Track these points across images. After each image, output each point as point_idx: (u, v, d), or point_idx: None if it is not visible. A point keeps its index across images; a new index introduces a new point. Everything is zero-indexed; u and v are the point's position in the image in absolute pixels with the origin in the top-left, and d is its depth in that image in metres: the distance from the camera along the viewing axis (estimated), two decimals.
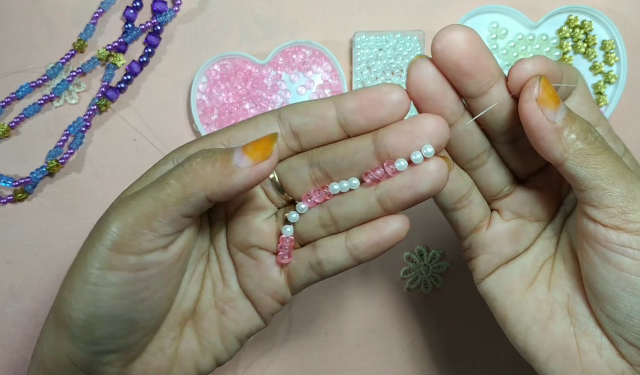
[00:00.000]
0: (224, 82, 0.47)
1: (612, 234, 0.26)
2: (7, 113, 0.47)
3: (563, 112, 0.26)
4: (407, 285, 0.47)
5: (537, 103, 0.25)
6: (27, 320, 0.46)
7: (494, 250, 0.31)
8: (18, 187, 0.46)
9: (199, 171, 0.25)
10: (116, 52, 0.47)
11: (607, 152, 0.26)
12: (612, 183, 0.25)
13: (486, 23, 0.47)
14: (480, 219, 0.31)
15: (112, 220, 0.26)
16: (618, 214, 0.25)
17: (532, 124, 0.26)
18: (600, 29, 0.47)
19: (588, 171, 0.26)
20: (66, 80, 0.46)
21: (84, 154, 0.47)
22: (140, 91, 0.48)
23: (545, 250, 0.31)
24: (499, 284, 0.31)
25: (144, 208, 0.26)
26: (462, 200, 0.30)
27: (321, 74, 0.47)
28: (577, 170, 0.26)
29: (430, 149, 0.26)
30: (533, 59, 0.26)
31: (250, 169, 0.25)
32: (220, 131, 0.28)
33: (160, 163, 0.29)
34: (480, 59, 0.26)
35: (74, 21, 0.47)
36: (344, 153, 0.27)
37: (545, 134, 0.25)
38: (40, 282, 0.47)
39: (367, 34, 0.47)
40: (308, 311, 0.47)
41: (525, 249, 0.31)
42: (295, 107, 0.28)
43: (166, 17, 0.47)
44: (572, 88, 0.28)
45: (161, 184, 0.26)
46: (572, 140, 0.25)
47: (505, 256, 0.31)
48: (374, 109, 0.27)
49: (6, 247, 0.46)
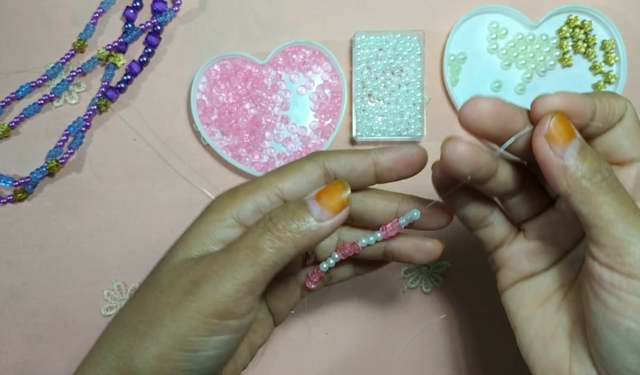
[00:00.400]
0: (224, 82, 0.47)
1: (605, 273, 0.26)
2: (7, 113, 0.47)
3: (574, 149, 0.26)
4: (407, 285, 0.47)
5: (546, 139, 0.26)
6: (27, 320, 0.46)
7: (512, 266, 0.32)
8: (18, 187, 0.46)
9: (288, 233, 0.29)
10: (116, 52, 0.47)
11: (612, 193, 0.26)
12: (612, 224, 0.26)
13: (486, 23, 0.48)
14: (503, 237, 0.33)
15: (210, 290, 0.28)
16: (613, 255, 0.26)
17: (539, 158, 0.27)
18: (600, 29, 0.47)
19: (589, 209, 0.26)
20: (66, 80, 0.46)
21: (84, 154, 0.47)
22: (140, 91, 0.48)
23: (564, 274, 0.32)
24: (515, 298, 0.32)
25: (244, 276, 0.28)
26: (484, 221, 0.32)
27: (321, 74, 0.47)
28: (579, 207, 0.26)
29: (416, 213, 0.32)
30: (554, 94, 0.27)
31: (333, 222, 0.30)
32: (267, 179, 0.31)
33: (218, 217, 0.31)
34: (507, 124, 0.27)
35: (74, 21, 0.47)
36: (372, 208, 0.33)
37: (552, 169, 0.26)
38: (41, 282, 0.47)
39: (367, 34, 0.47)
40: (308, 311, 0.47)
41: (544, 269, 0.32)
42: (338, 159, 0.31)
43: (166, 17, 0.47)
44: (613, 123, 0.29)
45: (255, 252, 0.28)
46: (577, 178, 0.26)
47: (523, 273, 0.32)
48: (405, 168, 0.32)
49: (6, 247, 0.47)
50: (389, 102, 0.46)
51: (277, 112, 0.47)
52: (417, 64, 0.46)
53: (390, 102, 0.46)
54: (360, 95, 0.46)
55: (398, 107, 0.46)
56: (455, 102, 0.47)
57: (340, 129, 0.47)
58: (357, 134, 0.46)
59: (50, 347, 0.46)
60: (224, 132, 0.47)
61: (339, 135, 0.47)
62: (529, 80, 0.47)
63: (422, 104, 0.46)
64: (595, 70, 0.47)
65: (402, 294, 0.47)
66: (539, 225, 0.32)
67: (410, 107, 0.46)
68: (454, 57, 0.47)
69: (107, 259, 0.47)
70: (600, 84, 0.47)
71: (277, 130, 0.47)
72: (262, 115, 0.47)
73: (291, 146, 0.47)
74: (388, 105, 0.46)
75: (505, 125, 0.27)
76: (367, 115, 0.46)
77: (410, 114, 0.46)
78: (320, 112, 0.47)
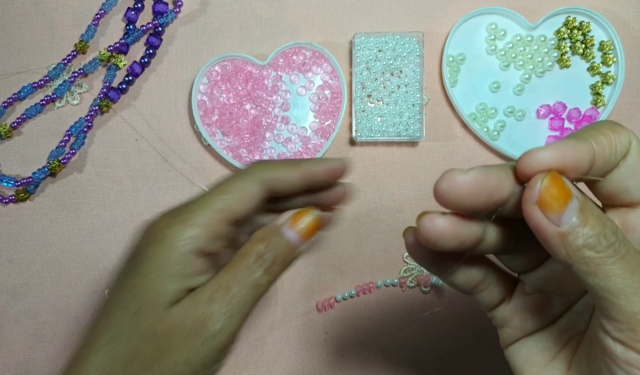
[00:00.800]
0: (225, 82, 0.47)
1: (619, 349, 0.23)
2: (10, 113, 0.47)
3: (572, 213, 0.22)
4: (406, 284, 0.47)
5: (538, 206, 0.22)
6: (29, 320, 0.46)
7: (515, 324, 0.29)
8: (20, 187, 0.46)
9: (276, 267, 0.29)
10: (118, 53, 0.47)
11: (621, 262, 0.22)
12: (623, 298, 0.22)
13: (485, 24, 0.48)
14: (501, 296, 0.29)
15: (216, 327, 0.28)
16: (626, 330, 0.22)
17: (532, 226, 0.23)
18: (599, 30, 0.48)
19: (595, 281, 0.22)
20: (68, 81, 0.47)
21: (86, 154, 0.47)
22: (141, 92, 0.48)
23: (572, 326, 0.28)
24: (520, 354, 0.29)
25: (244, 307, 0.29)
26: (478, 286, 0.28)
27: (321, 75, 0.47)
28: (583, 277, 0.22)
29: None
30: (542, 149, 0.23)
31: (307, 246, 0.30)
32: (212, 202, 0.29)
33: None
34: (491, 197, 0.23)
35: (75, 22, 0.48)
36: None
37: (547, 238, 0.22)
38: (42, 281, 0.47)
39: (367, 35, 0.47)
40: (308, 311, 0.47)
41: (550, 322, 0.28)
42: (274, 172, 0.30)
43: (167, 19, 0.47)
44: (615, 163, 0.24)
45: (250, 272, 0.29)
46: (579, 246, 0.22)
47: (527, 330, 0.29)
48: (334, 179, 0.31)
49: (8, 246, 0.47)
50: (388, 103, 0.47)
51: (277, 113, 0.47)
52: (417, 64, 0.47)
53: (390, 103, 0.47)
54: (360, 96, 0.47)
55: (397, 107, 0.47)
56: (454, 103, 0.47)
57: (340, 129, 0.47)
58: (356, 135, 0.47)
59: (52, 346, 0.47)
60: (224, 132, 0.47)
61: (339, 135, 0.48)
62: (527, 81, 0.48)
63: (421, 104, 0.47)
64: (593, 71, 0.47)
65: (401, 293, 0.47)
66: (540, 276, 0.28)
67: (410, 107, 0.47)
68: (453, 58, 0.47)
69: (108, 259, 0.47)
70: (598, 84, 0.47)
71: (277, 130, 0.47)
72: (262, 116, 0.47)
73: (291, 146, 0.47)
74: (387, 106, 0.47)
75: (489, 199, 0.23)
76: (366, 115, 0.47)
77: (410, 114, 0.46)
78: (320, 113, 0.47)
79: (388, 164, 0.48)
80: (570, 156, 0.23)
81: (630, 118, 0.48)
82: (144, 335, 0.27)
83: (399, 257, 0.47)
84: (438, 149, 0.48)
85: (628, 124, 0.48)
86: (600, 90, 0.47)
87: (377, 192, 0.48)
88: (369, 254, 0.47)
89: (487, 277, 0.28)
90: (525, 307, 0.28)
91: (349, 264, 0.47)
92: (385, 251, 0.47)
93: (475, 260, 0.28)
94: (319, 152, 0.47)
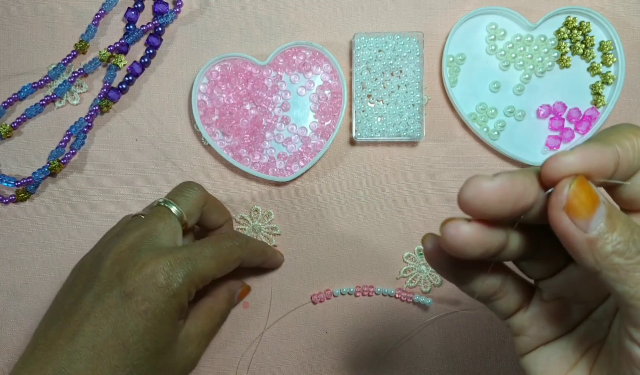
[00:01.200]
0: (225, 82, 0.47)
1: None
2: (10, 113, 0.47)
3: (601, 219, 0.21)
4: (406, 284, 0.47)
5: (566, 211, 0.21)
6: (29, 320, 0.46)
7: (532, 332, 0.28)
8: (20, 187, 0.46)
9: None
10: (118, 53, 0.47)
11: None
12: None
13: (485, 24, 0.48)
14: (518, 304, 0.28)
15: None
16: None
17: (558, 232, 0.22)
18: (598, 30, 0.48)
19: (624, 289, 0.22)
20: (68, 81, 0.47)
21: (86, 154, 0.47)
22: (141, 92, 0.48)
23: (592, 334, 0.27)
24: (537, 363, 0.28)
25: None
26: (497, 294, 0.28)
27: (321, 75, 0.48)
28: (612, 285, 0.22)
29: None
30: (569, 153, 0.22)
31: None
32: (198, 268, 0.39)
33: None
34: (518, 203, 0.22)
35: (75, 22, 0.48)
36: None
37: (575, 245, 0.22)
38: (42, 281, 0.47)
39: (367, 35, 0.47)
40: (308, 311, 0.47)
41: (568, 330, 0.28)
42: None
43: (167, 19, 0.47)
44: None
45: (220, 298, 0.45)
46: (607, 253, 0.21)
47: (544, 338, 0.28)
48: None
49: (8, 246, 0.47)
50: (388, 103, 0.47)
51: (277, 113, 0.47)
52: (417, 65, 0.47)
53: (390, 103, 0.47)
54: (360, 96, 0.47)
55: (397, 107, 0.47)
56: (454, 103, 0.47)
57: (340, 129, 0.47)
58: (356, 135, 0.47)
59: None
60: (224, 132, 0.47)
61: (339, 135, 0.48)
62: (527, 81, 0.48)
63: (421, 104, 0.47)
64: (593, 71, 0.47)
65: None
66: (559, 283, 0.27)
67: (410, 107, 0.47)
68: (453, 58, 0.48)
69: None
70: (598, 84, 0.47)
71: (277, 130, 0.47)
72: (262, 116, 0.47)
73: (291, 146, 0.47)
74: (387, 106, 0.47)
75: (515, 205, 0.22)
76: (366, 115, 0.47)
77: (410, 114, 0.47)
78: (320, 113, 0.47)
79: (388, 164, 0.48)
80: (597, 160, 0.22)
81: (630, 118, 0.48)
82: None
83: (399, 257, 0.47)
84: (438, 149, 0.48)
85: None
86: (600, 90, 0.47)
87: (377, 192, 0.48)
88: (369, 254, 0.47)
89: (505, 285, 0.27)
90: (543, 314, 0.28)
91: (349, 264, 0.47)
92: (385, 251, 0.47)
93: (493, 267, 0.27)
94: (319, 152, 0.47)
